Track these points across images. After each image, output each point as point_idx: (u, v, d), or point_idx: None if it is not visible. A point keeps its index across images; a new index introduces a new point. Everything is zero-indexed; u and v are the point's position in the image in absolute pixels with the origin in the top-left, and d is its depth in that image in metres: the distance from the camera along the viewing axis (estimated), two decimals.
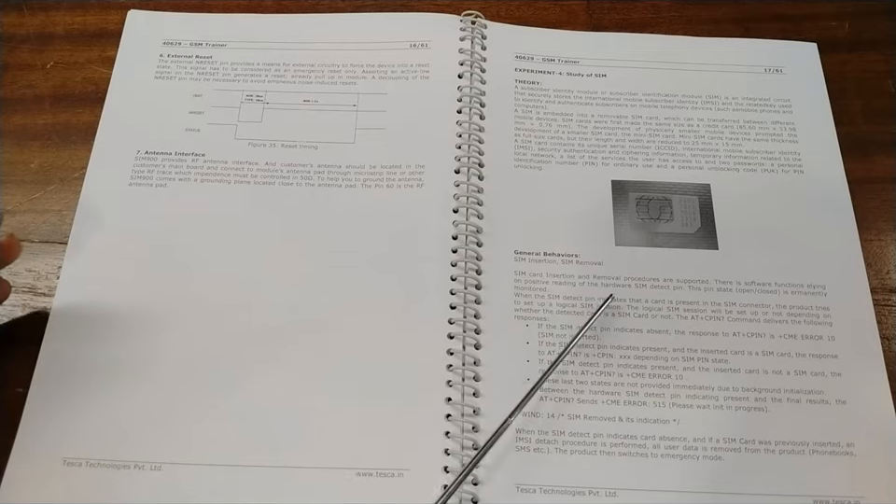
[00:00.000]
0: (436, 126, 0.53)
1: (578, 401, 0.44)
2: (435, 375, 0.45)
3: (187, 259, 0.48)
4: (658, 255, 0.49)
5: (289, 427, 0.43)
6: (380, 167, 0.51)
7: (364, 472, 0.42)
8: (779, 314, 0.47)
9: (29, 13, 0.57)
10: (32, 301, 0.47)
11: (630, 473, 0.43)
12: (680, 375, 0.45)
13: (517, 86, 0.55)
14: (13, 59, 0.55)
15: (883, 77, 0.56)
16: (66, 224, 0.49)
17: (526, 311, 0.47)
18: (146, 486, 0.41)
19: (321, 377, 0.45)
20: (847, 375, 0.45)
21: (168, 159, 0.51)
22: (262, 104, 0.53)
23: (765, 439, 0.44)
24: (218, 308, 0.46)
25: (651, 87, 0.55)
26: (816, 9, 0.59)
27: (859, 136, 0.54)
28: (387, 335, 0.46)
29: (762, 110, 0.54)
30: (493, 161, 0.52)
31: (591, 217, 0.50)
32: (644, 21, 0.58)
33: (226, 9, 0.57)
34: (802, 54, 0.57)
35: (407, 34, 0.56)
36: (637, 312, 0.47)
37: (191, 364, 0.45)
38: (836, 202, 0.51)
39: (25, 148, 0.52)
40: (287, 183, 0.51)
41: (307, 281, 0.47)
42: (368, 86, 0.54)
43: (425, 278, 0.48)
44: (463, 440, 0.43)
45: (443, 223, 0.49)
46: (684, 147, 0.53)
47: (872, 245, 0.50)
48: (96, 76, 0.55)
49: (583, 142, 0.53)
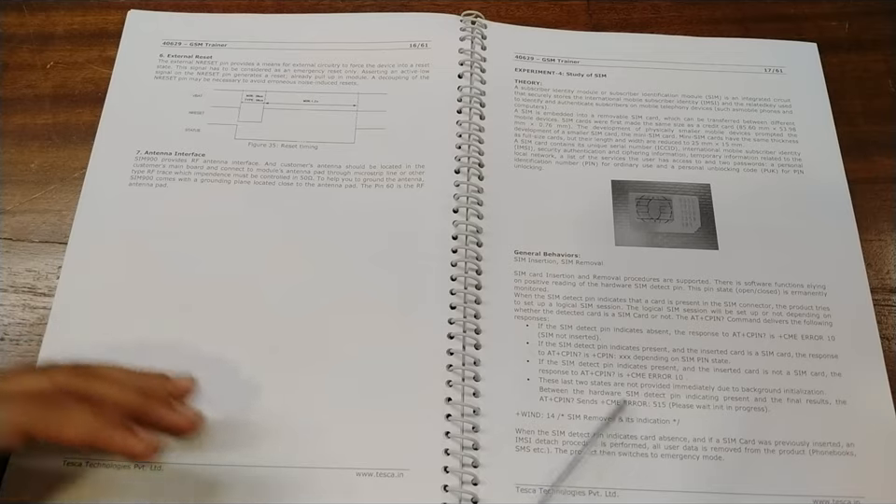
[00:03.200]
0: (436, 126, 0.53)
1: (578, 401, 0.44)
2: (435, 375, 0.45)
3: (187, 260, 0.48)
4: (658, 255, 0.49)
5: (290, 426, 0.43)
6: (380, 167, 0.51)
7: (364, 472, 0.42)
8: (779, 314, 0.47)
9: (29, 13, 0.57)
10: (32, 301, 0.47)
11: (630, 473, 0.43)
12: (680, 375, 0.45)
13: (517, 86, 0.55)
14: (13, 59, 0.55)
15: (883, 76, 0.56)
16: (66, 224, 0.49)
17: (526, 311, 0.47)
18: (146, 486, 0.41)
19: (321, 377, 0.45)
20: (847, 375, 0.45)
21: (168, 159, 0.51)
22: (262, 104, 0.53)
23: (765, 439, 0.44)
24: (218, 308, 0.46)
25: (650, 87, 0.55)
26: (816, 9, 0.59)
27: (859, 136, 0.54)
28: (387, 335, 0.46)
29: (762, 110, 0.54)
30: (493, 161, 0.52)
31: (591, 217, 0.50)
32: (644, 21, 0.58)
33: (226, 9, 0.57)
34: (802, 54, 0.57)
35: (407, 34, 0.56)
36: (637, 312, 0.47)
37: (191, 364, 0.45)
38: (836, 202, 0.51)
39: (25, 148, 0.52)
40: (287, 183, 0.51)
41: (307, 281, 0.47)
42: (368, 86, 0.54)
43: (425, 278, 0.48)
44: (463, 440, 0.43)
45: (443, 223, 0.49)
46: (684, 147, 0.53)
47: (872, 245, 0.50)
48: (96, 76, 0.55)
49: (583, 142, 0.53)
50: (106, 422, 0.35)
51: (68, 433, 0.34)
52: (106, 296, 0.47)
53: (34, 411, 0.34)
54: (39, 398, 0.35)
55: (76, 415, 0.35)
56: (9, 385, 0.36)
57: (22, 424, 0.34)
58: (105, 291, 0.47)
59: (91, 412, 0.35)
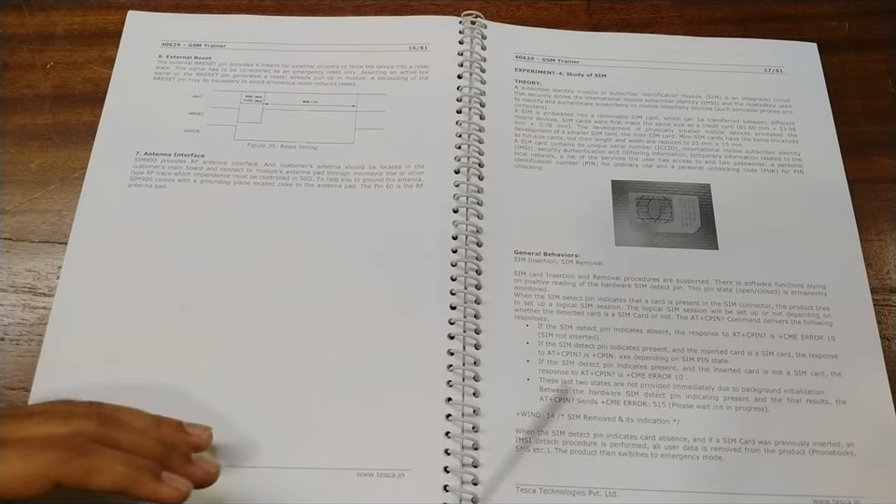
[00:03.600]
0: (436, 126, 0.53)
1: (578, 401, 0.44)
2: (435, 375, 0.45)
3: (186, 260, 0.48)
4: (658, 255, 0.49)
5: (290, 427, 0.43)
6: (380, 167, 0.51)
7: (365, 472, 0.42)
8: (779, 314, 0.47)
9: (29, 13, 0.57)
10: (32, 301, 0.47)
11: (630, 473, 0.43)
12: (680, 375, 0.45)
13: (517, 86, 0.55)
14: (13, 59, 0.55)
15: (883, 76, 0.56)
16: (66, 224, 0.49)
17: (526, 311, 0.47)
18: None
19: (322, 377, 0.45)
20: (847, 375, 0.45)
21: (167, 160, 0.51)
22: (262, 104, 0.53)
23: (765, 439, 0.44)
24: (218, 309, 0.46)
25: (650, 87, 0.55)
26: (816, 9, 0.59)
27: (859, 136, 0.54)
28: (387, 336, 0.46)
29: (762, 110, 0.54)
30: (493, 161, 0.52)
31: (591, 217, 0.50)
32: (644, 21, 0.58)
33: (225, 10, 0.57)
34: (802, 54, 0.57)
35: (406, 37, 0.56)
36: (637, 312, 0.47)
37: (191, 364, 0.45)
38: (836, 202, 0.51)
39: (25, 148, 0.52)
40: (287, 184, 0.51)
41: (307, 282, 0.47)
42: (367, 86, 0.54)
43: (425, 279, 0.48)
44: (463, 440, 0.43)
45: (443, 223, 0.49)
46: (684, 147, 0.53)
47: (872, 245, 0.50)
48: (96, 76, 0.55)
49: (583, 142, 0.53)
50: (136, 468, 0.35)
51: (98, 480, 0.34)
52: (106, 296, 0.47)
53: (62, 458, 0.34)
54: (66, 445, 0.34)
55: (105, 463, 0.34)
56: (32, 431, 0.35)
57: (52, 472, 0.33)
58: (105, 291, 0.47)
59: (119, 459, 0.35)
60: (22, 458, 0.33)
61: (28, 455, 0.33)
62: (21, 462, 0.33)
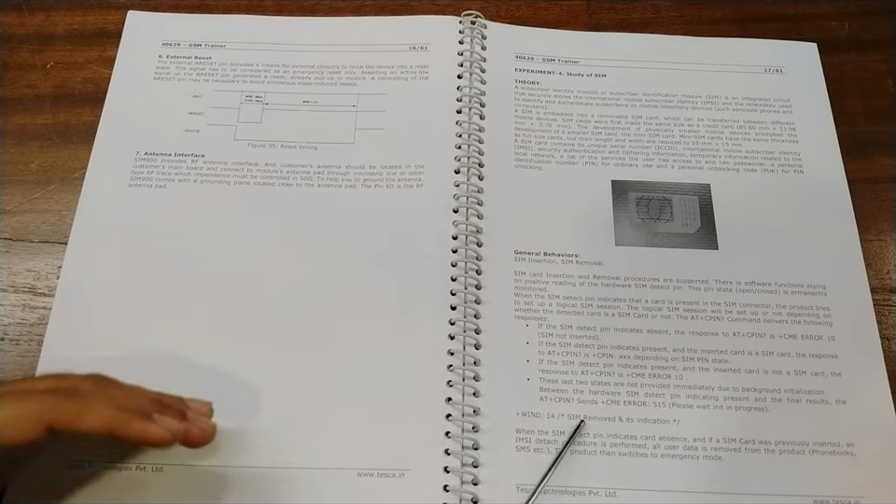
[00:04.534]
0: (436, 126, 0.53)
1: (578, 401, 0.44)
2: (435, 375, 0.45)
3: (187, 260, 0.48)
4: (658, 255, 0.49)
5: (290, 427, 0.43)
6: (380, 167, 0.51)
7: (365, 472, 0.42)
8: (779, 314, 0.47)
9: (29, 13, 0.57)
10: (32, 301, 0.47)
11: (630, 473, 0.43)
12: (680, 375, 0.45)
13: (517, 86, 0.55)
14: (13, 59, 0.55)
15: (883, 76, 0.56)
16: (66, 224, 0.49)
17: (526, 311, 0.47)
18: (147, 487, 0.41)
19: (322, 377, 0.45)
20: (847, 375, 0.45)
21: (168, 160, 0.51)
22: (262, 104, 0.53)
23: (765, 439, 0.44)
24: (218, 309, 0.46)
25: (650, 87, 0.55)
26: (816, 9, 0.59)
27: (859, 136, 0.54)
28: (387, 336, 0.46)
29: (762, 110, 0.54)
30: (493, 161, 0.52)
31: (591, 217, 0.50)
32: (644, 20, 0.58)
33: (225, 10, 0.57)
34: (802, 54, 0.57)
35: (406, 36, 0.56)
36: (637, 312, 0.47)
37: (191, 365, 0.45)
38: (836, 202, 0.51)
39: (25, 148, 0.52)
40: (287, 184, 0.51)
41: (307, 282, 0.47)
42: (367, 86, 0.54)
43: (425, 278, 0.48)
44: (463, 440, 0.43)
45: (443, 223, 0.49)
46: (684, 147, 0.53)
47: (872, 245, 0.50)
48: (96, 76, 0.55)
49: (583, 142, 0.53)
50: (125, 410, 0.35)
51: (88, 421, 0.34)
52: (106, 296, 0.47)
53: (53, 403, 0.34)
54: (57, 391, 0.35)
55: (95, 405, 0.35)
56: (27, 385, 0.36)
57: (43, 416, 0.34)
58: (105, 291, 0.47)
59: (109, 402, 0.35)
60: (16, 404, 0.34)
61: (21, 402, 0.34)
62: (13, 407, 0.34)
